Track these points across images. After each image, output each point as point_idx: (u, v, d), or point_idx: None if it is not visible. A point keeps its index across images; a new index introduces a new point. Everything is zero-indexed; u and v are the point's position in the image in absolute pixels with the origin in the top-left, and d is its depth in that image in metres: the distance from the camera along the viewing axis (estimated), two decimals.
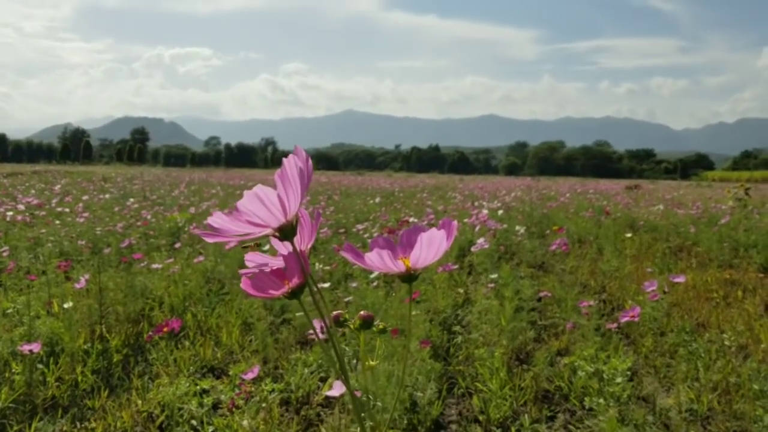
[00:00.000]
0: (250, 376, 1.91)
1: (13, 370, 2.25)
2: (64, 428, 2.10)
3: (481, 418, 2.36)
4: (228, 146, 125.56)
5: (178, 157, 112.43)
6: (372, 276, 3.32)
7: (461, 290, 4.13)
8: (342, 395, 1.50)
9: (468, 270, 4.98)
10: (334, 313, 0.66)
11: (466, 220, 7.00)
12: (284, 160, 0.50)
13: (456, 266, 3.90)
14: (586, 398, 2.11)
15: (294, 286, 0.57)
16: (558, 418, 2.41)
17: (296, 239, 0.55)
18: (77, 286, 2.63)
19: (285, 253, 0.56)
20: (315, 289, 0.57)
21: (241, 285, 0.55)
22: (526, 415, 2.28)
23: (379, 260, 0.55)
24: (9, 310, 2.69)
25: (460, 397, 2.62)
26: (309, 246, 0.57)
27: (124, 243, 3.99)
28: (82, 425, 2.15)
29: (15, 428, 2.01)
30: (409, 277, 0.58)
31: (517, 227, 6.23)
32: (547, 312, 3.77)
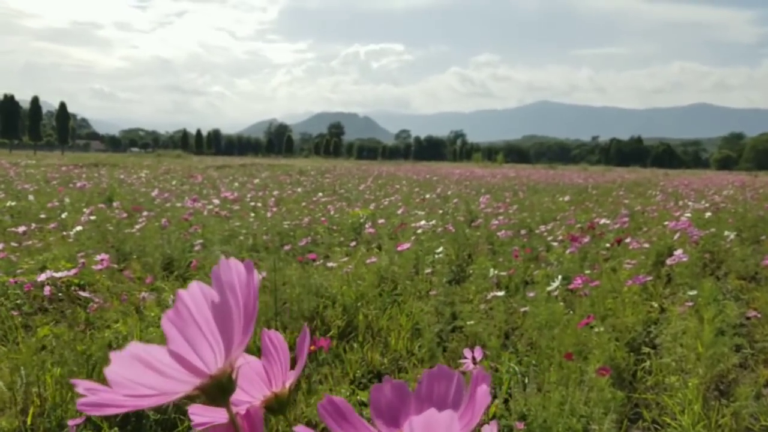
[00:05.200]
0: None
1: None
2: None
3: None
4: (417, 139, 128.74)
5: (370, 150, 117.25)
6: (551, 287, 3.06)
7: (655, 304, 3.71)
8: None
9: (666, 279, 4.47)
10: None
11: (666, 222, 6.37)
12: (179, 292, 0.30)
13: (650, 278, 3.50)
14: None
15: None
16: None
17: (239, 394, 0.37)
18: None
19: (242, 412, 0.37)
20: None
21: None
22: None
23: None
24: None
25: (645, 431, 2.30)
26: (291, 382, 0.39)
27: (302, 242, 4.10)
28: None
29: (186, 424, 2.08)
30: None
31: (726, 232, 5.53)
32: (755, 334, 3.24)
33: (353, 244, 4.75)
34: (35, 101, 71.18)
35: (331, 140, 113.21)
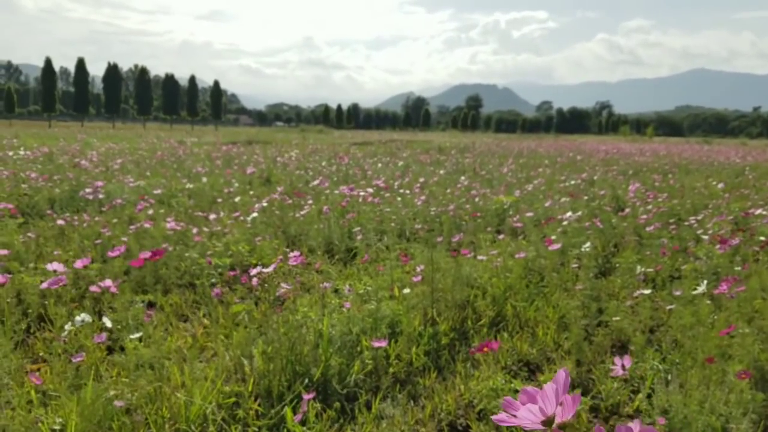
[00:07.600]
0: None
1: (364, 346, 2.74)
2: (402, 402, 2.50)
3: None
4: (560, 111, 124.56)
5: (509, 123, 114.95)
6: (697, 291, 3.16)
7: None
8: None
9: None
10: None
11: None
12: (545, 386, 0.73)
13: None
14: None
15: None
16: None
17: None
18: (414, 279, 3.04)
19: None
20: None
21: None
22: None
23: None
24: (361, 291, 3.25)
25: None
26: (568, 417, 0.74)
27: (455, 238, 4.43)
28: (417, 403, 2.54)
29: (364, 397, 2.48)
30: None
31: None
32: None
33: (501, 237, 5.00)
34: (192, 80, 76.83)
35: (469, 113, 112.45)
